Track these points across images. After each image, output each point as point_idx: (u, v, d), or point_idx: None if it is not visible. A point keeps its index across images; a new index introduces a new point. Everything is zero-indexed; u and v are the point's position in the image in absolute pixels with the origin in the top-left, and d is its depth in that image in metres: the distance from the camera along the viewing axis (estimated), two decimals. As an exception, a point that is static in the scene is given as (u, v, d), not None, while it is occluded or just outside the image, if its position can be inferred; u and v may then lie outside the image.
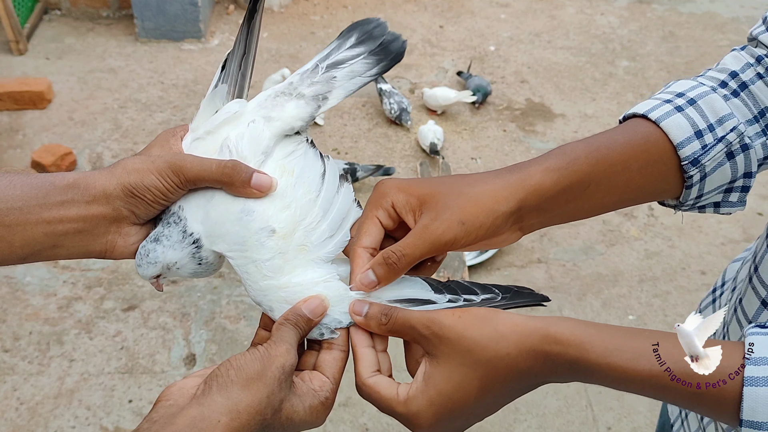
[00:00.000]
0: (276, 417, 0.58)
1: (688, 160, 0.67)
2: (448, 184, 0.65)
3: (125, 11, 4.10)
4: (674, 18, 4.35)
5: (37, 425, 2.09)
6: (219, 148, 0.66)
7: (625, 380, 0.57)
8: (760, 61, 0.70)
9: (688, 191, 0.69)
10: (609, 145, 0.67)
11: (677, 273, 2.66)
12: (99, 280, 2.55)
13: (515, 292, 0.68)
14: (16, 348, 2.31)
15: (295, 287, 0.64)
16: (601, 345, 0.56)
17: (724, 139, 0.67)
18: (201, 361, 2.28)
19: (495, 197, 0.63)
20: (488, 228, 0.63)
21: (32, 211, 0.61)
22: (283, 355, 0.59)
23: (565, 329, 0.57)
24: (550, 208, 0.66)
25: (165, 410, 0.56)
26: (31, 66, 3.69)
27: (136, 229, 0.66)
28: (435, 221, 0.62)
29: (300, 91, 0.69)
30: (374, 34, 0.71)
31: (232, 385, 0.56)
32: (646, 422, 2.14)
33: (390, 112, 3.30)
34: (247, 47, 0.70)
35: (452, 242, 0.63)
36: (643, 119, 0.69)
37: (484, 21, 4.27)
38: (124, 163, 0.64)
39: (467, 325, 0.59)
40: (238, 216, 0.64)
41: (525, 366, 0.58)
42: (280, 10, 4.30)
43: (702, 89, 0.70)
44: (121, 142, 3.22)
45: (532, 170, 0.65)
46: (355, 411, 2.12)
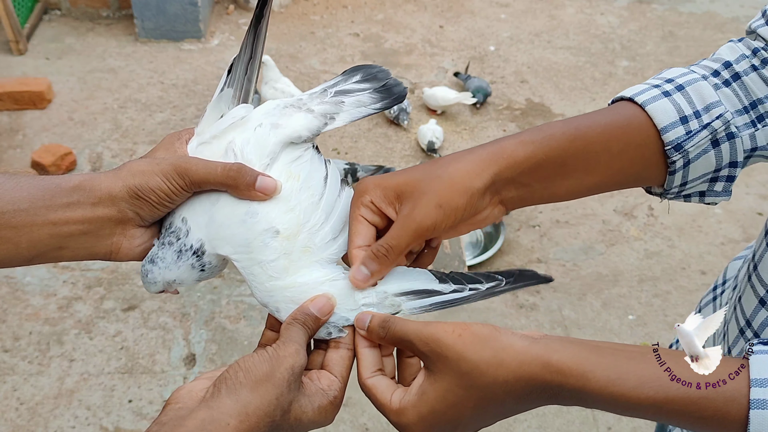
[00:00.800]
0: (285, 418, 0.58)
1: (672, 145, 0.66)
2: (423, 170, 0.65)
3: (125, 11, 4.10)
4: (674, 18, 4.35)
5: (37, 425, 2.09)
6: (224, 152, 0.67)
7: (628, 408, 0.56)
8: (755, 53, 0.70)
9: (672, 177, 0.69)
10: (588, 124, 0.67)
11: (677, 273, 2.66)
12: (99, 280, 2.55)
13: (518, 275, 0.68)
14: (16, 348, 2.31)
15: (300, 287, 0.65)
16: (603, 374, 0.56)
17: (709, 126, 0.67)
18: (201, 361, 2.28)
19: (468, 174, 0.64)
20: (465, 207, 0.64)
21: (38, 213, 0.61)
22: (293, 355, 0.59)
23: (567, 358, 0.57)
24: (526, 182, 0.66)
25: (174, 413, 0.56)
26: (31, 66, 3.69)
27: (141, 231, 0.66)
28: (414, 209, 0.63)
29: (309, 107, 0.70)
30: (378, 77, 0.74)
31: (241, 387, 0.56)
32: (646, 422, 2.15)
33: (389, 112, 3.30)
34: (253, 52, 0.71)
35: (434, 227, 0.63)
36: (629, 102, 0.69)
37: (484, 21, 4.27)
38: (129, 166, 0.64)
39: (467, 346, 0.58)
40: (243, 218, 0.65)
41: (523, 393, 0.58)
42: (280, 10, 4.30)
43: (692, 76, 0.70)
44: (121, 142, 3.22)
45: (505, 143, 0.65)
46: (355, 411, 2.12)
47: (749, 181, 3.12)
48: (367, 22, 4.24)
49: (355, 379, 0.65)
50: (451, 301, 0.67)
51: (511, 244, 2.74)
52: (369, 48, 4.00)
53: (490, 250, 2.65)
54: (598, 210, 2.95)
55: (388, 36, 4.11)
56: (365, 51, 3.97)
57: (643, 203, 2.99)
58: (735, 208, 2.98)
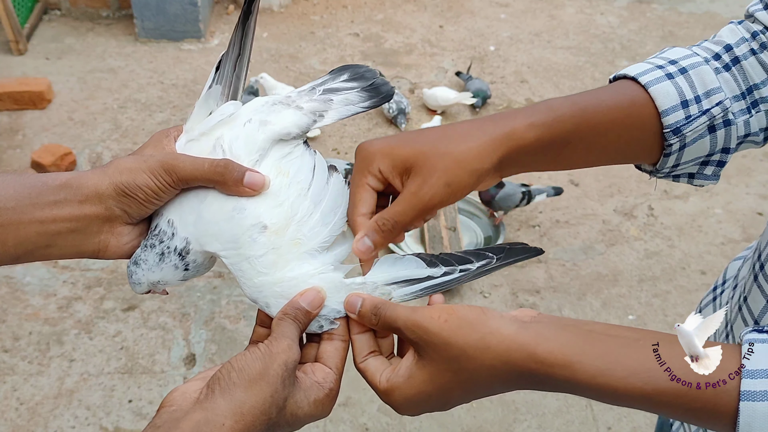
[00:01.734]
0: (281, 415, 0.58)
1: (671, 128, 0.67)
2: (432, 143, 0.65)
3: (125, 11, 4.10)
4: (674, 18, 4.35)
5: (36, 425, 2.08)
6: (212, 148, 0.67)
7: (617, 398, 0.56)
8: (755, 37, 0.70)
9: (666, 159, 0.69)
10: (596, 106, 0.67)
11: (677, 273, 2.66)
12: (99, 280, 2.55)
13: (509, 249, 0.69)
14: (16, 348, 2.31)
15: (290, 281, 0.64)
16: (591, 365, 0.55)
17: (709, 113, 0.67)
18: (201, 361, 2.28)
19: (479, 155, 0.64)
20: (472, 186, 0.65)
21: (25, 211, 0.61)
22: (285, 351, 0.59)
23: (554, 347, 0.56)
24: (529, 161, 0.67)
25: (168, 415, 0.56)
26: (31, 66, 3.69)
27: (129, 228, 0.66)
28: (423, 186, 0.63)
29: (298, 104, 0.70)
30: (366, 76, 0.74)
31: (235, 387, 0.56)
32: (646, 422, 2.14)
33: (389, 111, 3.31)
34: (242, 49, 0.71)
35: (439, 204, 0.64)
36: (632, 82, 0.69)
37: (484, 21, 4.27)
38: (116, 163, 0.64)
39: (453, 331, 0.58)
40: (231, 214, 0.65)
41: (509, 377, 0.58)
42: (280, 10, 4.30)
43: (695, 59, 0.70)
44: (120, 142, 3.22)
45: (516, 125, 0.65)
46: (355, 411, 2.12)
47: (749, 181, 3.12)
48: (367, 22, 4.24)
49: (355, 378, 0.65)
50: (442, 284, 0.67)
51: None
52: (369, 48, 3.99)
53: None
54: (598, 210, 2.95)
55: (388, 36, 4.11)
56: (365, 51, 3.96)
57: (643, 203, 2.99)
58: (735, 208, 2.98)
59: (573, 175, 3.10)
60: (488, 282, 2.57)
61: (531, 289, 2.54)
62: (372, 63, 3.83)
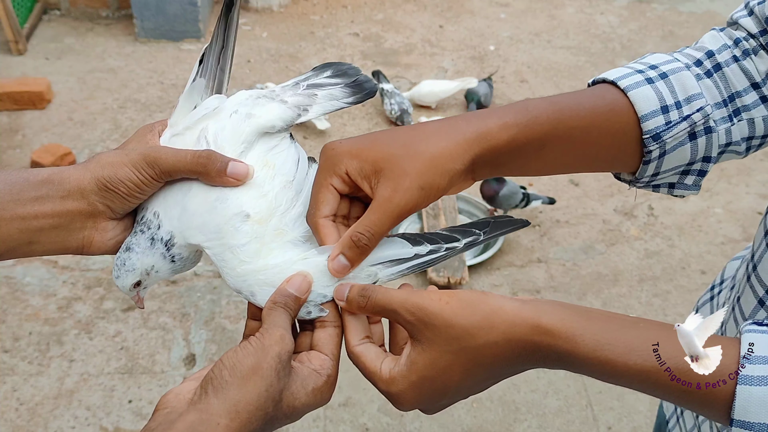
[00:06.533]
0: (278, 408, 0.57)
1: (650, 134, 0.66)
2: (402, 144, 0.63)
3: (125, 11, 4.09)
4: (674, 17, 4.35)
5: (36, 426, 2.08)
6: (196, 140, 0.67)
7: (615, 374, 0.56)
8: (737, 44, 0.69)
9: (645, 167, 0.68)
10: (573, 108, 0.66)
11: (677, 272, 2.66)
12: (99, 280, 2.55)
13: (494, 223, 0.68)
14: (16, 348, 2.31)
15: (273, 269, 0.64)
16: (592, 338, 0.55)
17: (689, 118, 0.66)
18: (201, 361, 2.28)
19: (451, 156, 0.62)
20: (444, 189, 0.63)
21: (6, 208, 0.60)
22: (278, 342, 0.58)
23: (557, 320, 0.56)
24: (503, 162, 0.65)
25: (163, 418, 0.55)
26: (31, 66, 3.69)
27: (113, 224, 0.65)
28: (396, 192, 0.61)
29: (282, 98, 0.70)
30: (348, 73, 0.74)
31: (228, 385, 0.55)
32: (646, 422, 2.14)
33: (390, 112, 3.30)
34: (225, 41, 0.70)
35: (414, 209, 0.62)
36: (611, 86, 0.68)
37: (484, 21, 4.27)
38: (98, 158, 0.64)
39: (456, 312, 0.57)
40: (213, 204, 0.64)
41: (512, 355, 0.57)
42: (280, 9, 4.30)
43: (676, 65, 0.69)
44: (120, 142, 3.21)
45: (489, 124, 0.63)
46: (355, 411, 2.12)
47: (749, 181, 3.12)
48: (367, 21, 4.24)
49: (355, 378, 0.65)
50: (429, 262, 0.66)
51: (511, 244, 2.73)
52: (369, 48, 3.99)
53: (490, 251, 2.65)
54: (598, 209, 2.95)
55: (388, 36, 4.11)
56: (365, 51, 3.96)
57: (643, 203, 2.99)
58: (735, 207, 2.98)
59: (573, 174, 3.10)
60: (488, 282, 2.57)
61: (531, 288, 2.54)
62: (372, 63, 3.83)
